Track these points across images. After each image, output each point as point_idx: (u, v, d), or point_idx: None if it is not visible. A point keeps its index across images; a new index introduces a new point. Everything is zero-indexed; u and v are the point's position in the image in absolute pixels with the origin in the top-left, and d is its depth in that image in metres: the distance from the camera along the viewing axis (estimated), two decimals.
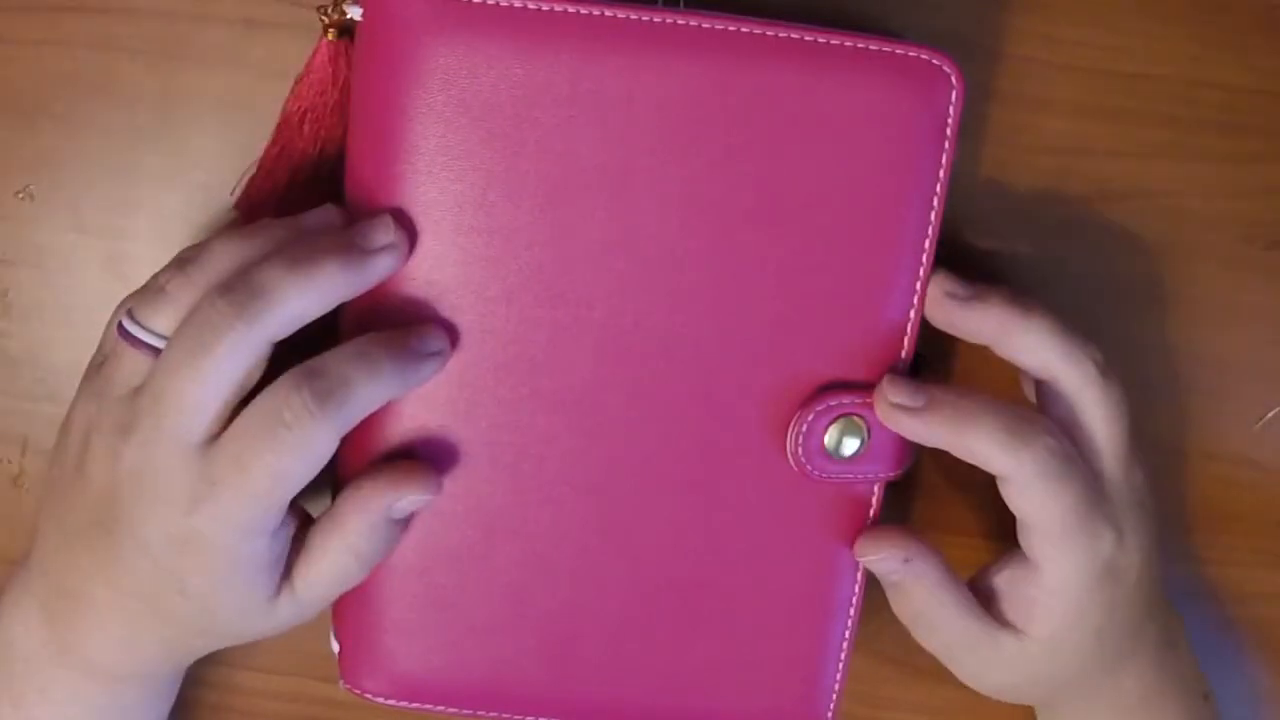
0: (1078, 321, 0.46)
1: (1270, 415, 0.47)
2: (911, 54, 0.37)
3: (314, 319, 0.35)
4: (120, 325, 0.36)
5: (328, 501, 0.39)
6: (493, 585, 0.40)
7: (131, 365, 0.36)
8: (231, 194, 0.42)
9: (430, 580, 0.40)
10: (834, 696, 0.43)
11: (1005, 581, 0.41)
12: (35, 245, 0.44)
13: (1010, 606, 0.40)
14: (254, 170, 0.41)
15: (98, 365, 0.37)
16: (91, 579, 0.37)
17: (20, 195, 0.44)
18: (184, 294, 0.35)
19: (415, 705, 0.42)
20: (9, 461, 0.46)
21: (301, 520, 0.38)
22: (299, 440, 0.34)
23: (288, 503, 0.36)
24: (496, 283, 0.38)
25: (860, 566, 0.41)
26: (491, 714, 0.42)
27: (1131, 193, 0.45)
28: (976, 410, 0.38)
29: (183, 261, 0.36)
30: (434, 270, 0.38)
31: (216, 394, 0.34)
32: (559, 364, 0.38)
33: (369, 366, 0.35)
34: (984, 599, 0.41)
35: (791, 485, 0.40)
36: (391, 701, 0.42)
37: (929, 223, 0.39)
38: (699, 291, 0.38)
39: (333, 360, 0.35)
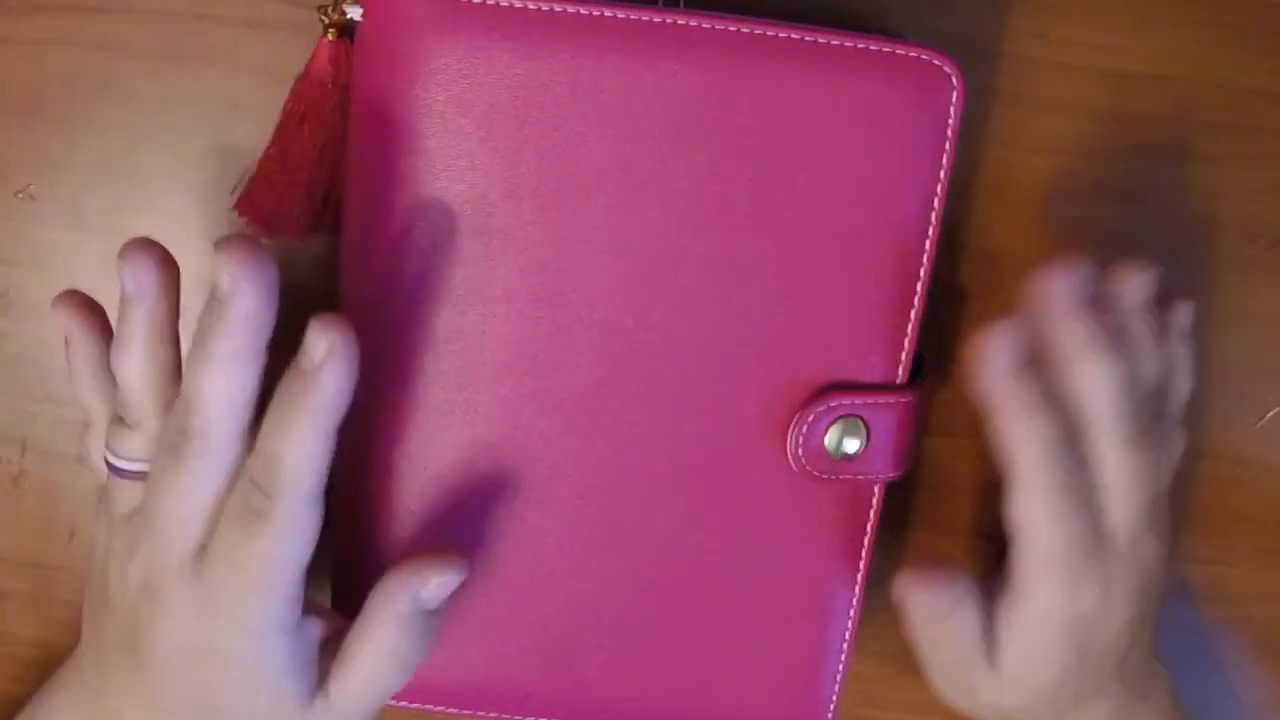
0: None
1: (1270, 415, 0.47)
2: (912, 54, 0.37)
3: None
4: (106, 461, 0.37)
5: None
6: (493, 586, 0.40)
7: (128, 492, 0.36)
8: (231, 194, 0.42)
9: None
10: (834, 697, 0.43)
11: (1001, 600, 0.40)
12: (35, 245, 0.44)
13: (998, 628, 0.40)
14: (254, 171, 0.41)
15: (102, 493, 0.38)
16: (125, 699, 0.37)
17: (20, 195, 0.44)
18: (142, 420, 0.36)
19: (415, 705, 0.42)
20: (9, 461, 0.46)
21: (332, 624, 0.37)
22: (277, 524, 0.33)
23: (297, 593, 0.35)
24: (496, 283, 0.38)
25: (861, 568, 0.41)
26: (491, 714, 0.42)
27: (1131, 193, 0.45)
28: (1046, 408, 0.37)
29: (124, 395, 0.36)
30: (434, 271, 0.38)
31: (198, 506, 0.34)
32: (559, 364, 0.38)
33: (288, 431, 0.33)
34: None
35: (792, 485, 0.40)
36: (391, 701, 0.42)
37: (929, 223, 0.39)
38: (699, 292, 0.38)
39: (264, 441, 0.34)
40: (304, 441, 0.33)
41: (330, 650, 0.37)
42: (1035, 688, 0.40)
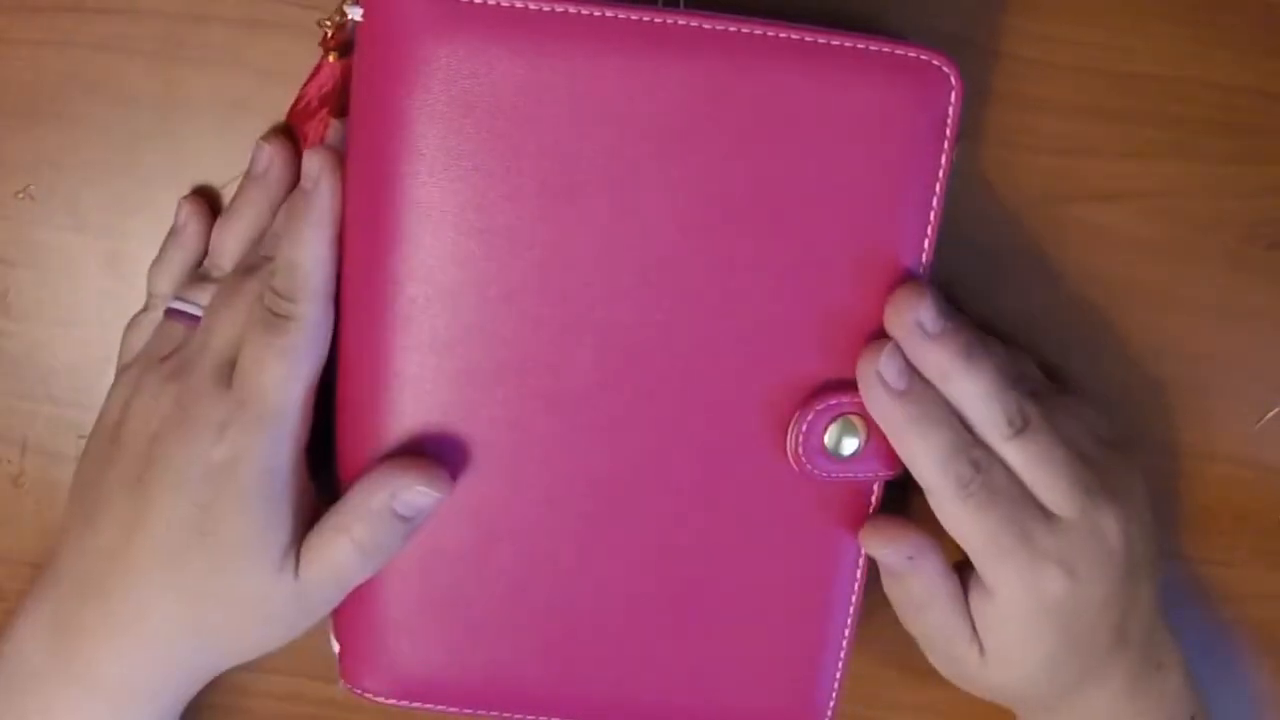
0: (1078, 322, 0.46)
1: (1270, 415, 0.47)
2: (910, 54, 0.37)
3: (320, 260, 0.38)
4: (170, 308, 0.41)
5: None
6: (493, 585, 0.40)
7: (176, 333, 0.41)
8: (226, 189, 0.42)
9: (430, 580, 0.40)
10: (833, 696, 0.43)
11: (972, 590, 0.41)
12: (35, 245, 0.45)
13: (974, 616, 0.41)
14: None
15: (133, 352, 0.42)
16: (112, 556, 0.38)
17: (20, 195, 0.44)
18: (223, 273, 0.41)
19: (415, 705, 0.42)
20: (9, 461, 0.46)
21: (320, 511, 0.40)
22: (298, 319, 0.38)
23: (306, 413, 0.38)
24: (496, 283, 0.38)
25: (860, 566, 0.41)
26: (492, 714, 0.42)
27: (1131, 193, 0.45)
28: (934, 418, 0.38)
29: (213, 254, 0.42)
30: (434, 271, 0.38)
31: (238, 325, 0.39)
32: (559, 364, 0.38)
33: (301, 240, 0.38)
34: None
35: (791, 484, 0.40)
36: (391, 701, 0.42)
37: (928, 223, 0.39)
38: (699, 291, 0.38)
39: (281, 255, 0.38)
40: (314, 245, 0.38)
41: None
42: (1028, 672, 0.40)
